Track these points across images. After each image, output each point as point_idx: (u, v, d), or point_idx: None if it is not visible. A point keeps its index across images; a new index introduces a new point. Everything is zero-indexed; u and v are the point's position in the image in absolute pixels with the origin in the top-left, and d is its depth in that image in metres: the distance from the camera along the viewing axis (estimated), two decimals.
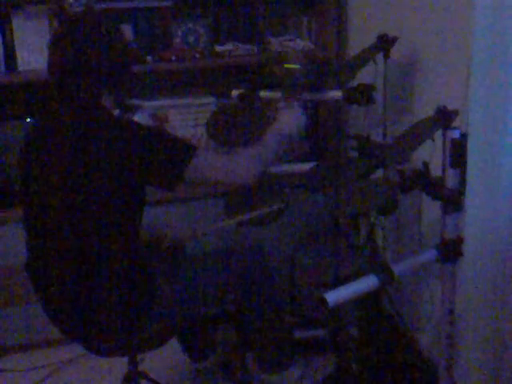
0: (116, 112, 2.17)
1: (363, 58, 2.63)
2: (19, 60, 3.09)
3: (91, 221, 2.04)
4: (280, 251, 2.91)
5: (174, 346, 2.70)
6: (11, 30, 3.07)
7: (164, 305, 2.18)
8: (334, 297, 1.72)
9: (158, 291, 2.17)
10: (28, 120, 3.09)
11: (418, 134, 1.97)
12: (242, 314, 2.41)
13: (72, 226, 2.05)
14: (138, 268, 2.12)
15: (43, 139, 2.13)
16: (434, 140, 1.90)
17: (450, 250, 1.87)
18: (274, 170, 2.77)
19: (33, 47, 3.08)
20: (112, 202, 2.02)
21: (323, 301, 1.71)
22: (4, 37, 3.07)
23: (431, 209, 2.19)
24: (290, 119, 2.35)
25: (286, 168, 2.91)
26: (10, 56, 3.09)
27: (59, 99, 2.12)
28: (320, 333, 2.77)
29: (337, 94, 2.72)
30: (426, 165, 1.90)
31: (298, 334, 2.76)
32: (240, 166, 2.13)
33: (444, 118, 1.88)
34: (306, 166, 2.62)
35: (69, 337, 2.26)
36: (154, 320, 2.17)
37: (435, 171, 1.91)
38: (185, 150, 2.07)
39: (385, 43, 2.59)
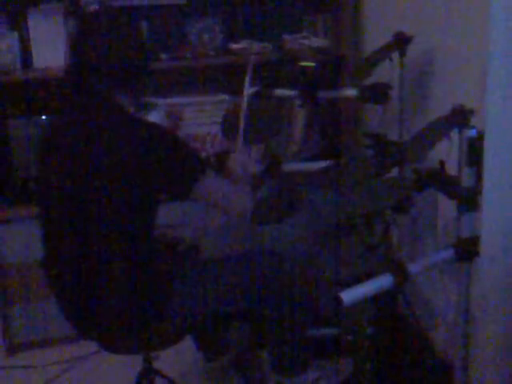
0: (131, 110, 2.17)
1: (379, 57, 2.62)
2: (35, 57, 3.11)
3: (107, 219, 2.04)
4: (296, 250, 2.90)
5: (188, 344, 2.70)
6: (27, 27, 3.08)
7: (179, 304, 2.18)
8: (349, 296, 1.72)
9: (174, 290, 2.17)
10: (43, 117, 3.09)
11: (434, 133, 1.96)
12: (257, 313, 2.40)
13: (87, 224, 2.06)
14: (153, 267, 2.12)
15: (60, 137, 2.14)
16: (450, 139, 1.89)
17: (466, 250, 1.86)
18: (288, 168, 2.77)
19: (48, 44, 3.10)
20: (127, 200, 2.03)
21: (339, 300, 1.70)
22: (20, 34, 3.08)
23: (447, 208, 2.18)
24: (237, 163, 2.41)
25: (301, 166, 2.91)
26: (26, 53, 3.10)
27: (76, 97, 2.13)
28: (335, 333, 2.76)
29: (352, 92, 2.72)
30: (441, 163, 1.89)
31: (314, 335, 2.75)
32: (239, 197, 2.21)
33: (460, 116, 1.87)
34: (320, 165, 2.62)
35: (83, 334, 2.26)
36: (168, 318, 2.17)
37: (451, 170, 1.90)
38: (198, 163, 2.11)
39: (401, 41, 2.58)
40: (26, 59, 3.11)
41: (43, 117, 3.10)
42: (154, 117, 2.92)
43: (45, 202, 2.19)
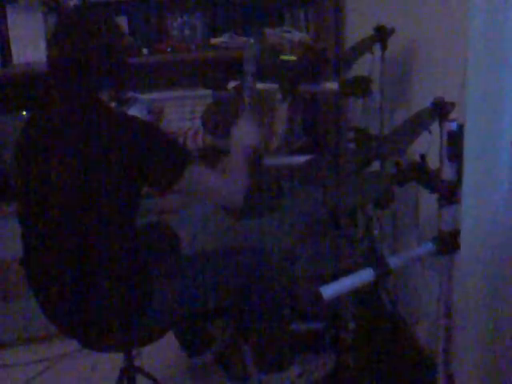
0: (112, 105, 2.16)
1: (360, 50, 2.62)
2: (14, 53, 3.08)
3: (90, 216, 2.03)
4: (278, 245, 2.90)
5: (170, 340, 2.69)
6: (6, 23, 3.05)
7: (161, 300, 2.17)
8: (329, 290, 1.71)
9: (156, 288, 2.16)
10: (24, 114, 3.07)
11: (414, 127, 1.95)
12: (239, 309, 2.40)
13: (70, 221, 2.04)
14: (135, 264, 2.11)
15: (40, 133, 2.12)
16: (430, 132, 1.89)
17: (447, 243, 1.86)
18: (270, 162, 2.76)
19: (27, 41, 3.07)
20: (111, 197, 2.01)
21: (319, 294, 1.70)
22: None
23: (428, 201, 2.18)
24: (245, 130, 2.36)
25: (283, 160, 2.90)
26: (5, 50, 3.08)
27: (57, 93, 2.11)
28: (318, 328, 2.75)
29: (333, 85, 2.71)
30: (422, 157, 1.88)
31: (297, 330, 2.74)
32: (228, 187, 2.19)
33: (441, 109, 1.86)
34: (303, 159, 2.61)
35: (65, 333, 2.25)
36: (150, 314, 2.16)
37: (432, 164, 1.89)
38: (183, 155, 2.10)
39: (382, 35, 2.57)
40: (5, 56, 3.08)
41: (23, 113, 3.07)
42: (134, 111, 2.90)
43: (25, 199, 2.17)
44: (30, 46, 3.07)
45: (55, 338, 2.98)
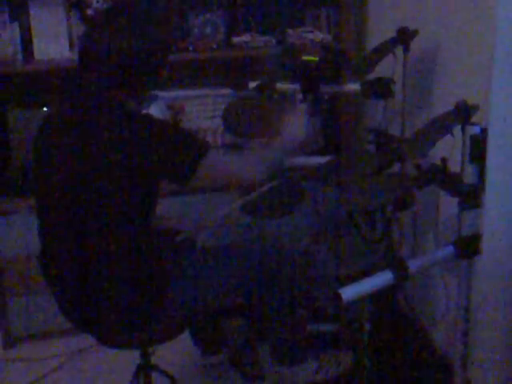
0: (132, 105, 2.14)
1: (382, 51, 2.61)
2: (36, 49, 3.08)
3: (105, 212, 2.03)
4: (296, 245, 2.89)
5: (185, 339, 2.69)
6: (28, 18, 3.06)
7: (176, 298, 2.17)
8: (348, 292, 1.70)
9: (172, 284, 2.16)
10: (44, 109, 3.08)
11: (436, 129, 1.94)
12: (256, 307, 2.39)
13: (86, 216, 2.04)
14: (150, 261, 2.11)
15: (58, 129, 2.13)
16: (453, 135, 1.88)
17: (468, 247, 1.85)
18: (290, 162, 2.75)
19: (50, 36, 3.08)
20: (125, 193, 2.01)
21: (338, 296, 1.69)
22: (21, 25, 3.06)
23: (449, 205, 2.16)
24: (296, 123, 2.43)
25: (303, 161, 2.89)
26: (27, 45, 3.09)
27: (76, 92, 2.11)
28: (334, 328, 2.75)
29: (355, 87, 2.70)
30: (444, 160, 1.87)
31: (313, 330, 2.74)
32: (248, 165, 2.22)
33: (464, 113, 1.85)
34: (322, 159, 2.60)
35: (80, 328, 2.25)
36: (166, 313, 2.16)
37: (453, 167, 1.88)
38: (199, 147, 2.09)
39: (405, 36, 2.56)
40: (28, 50, 3.09)
41: (44, 109, 3.08)
42: (154, 109, 2.90)
43: (42, 195, 2.18)
44: (52, 41, 3.08)
45: (72, 333, 2.98)
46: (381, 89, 2.57)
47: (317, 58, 2.81)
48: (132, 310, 2.10)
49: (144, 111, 2.26)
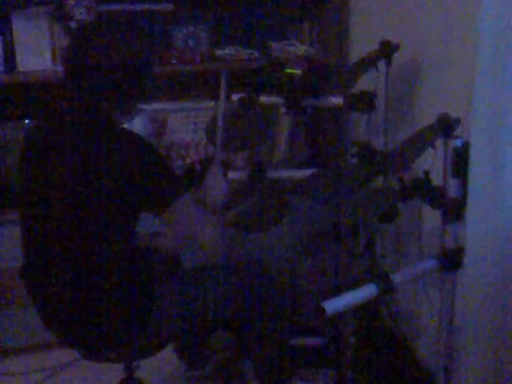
0: (116, 114, 2.13)
1: (365, 65, 2.61)
2: (19, 61, 3.07)
3: (91, 226, 2.02)
4: (280, 259, 2.89)
5: (169, 353, 2.68)
6: (11, 30, 3.05)
7: (161, 313, 2.16)
8: (332, 305, 1.70)
9: (157, 301, 2.15)
10: (26, 121, 3.07)
11: (419, 142, 1.95)
12: (240, 323, 2.38)
13: (72, 230, 2.03)
14: (136, 276, 2.09)
15: (44, 142, 2.11)
16: (435, 148, 1.89)
17: (450, 260, 1.85)
18: (273, 175, 2.75)
19: (33, 48, 3.06)
20: (110, 209, 2.00)
21: (321, 309, 1.69)
22: (4, 37, 3.05)
23: (431, 218, 2.17)
24: (216, 185, 2.46)
25: (286, 174, 2.89)
26: (10, 57, 3.07)
27: (64, 101, 2.11)
28: (319, 343, 2.74)
29: (337, 100, 2.71)
30: (426, 173, 1.88)
31: (297, 345, 2.73)
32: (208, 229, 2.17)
33: (446, 126, 1.86)
34: (305, 173, 2.60)
35: (65, 342, 2.23)
36: (151, 329, 2.14)
37: (436, 180, 1.89)
38: (177, 184, 2.11)
39: (387, 50, 2.57)
40: (10, 62, 3.08)
41: (26, 121, 3.07)
42: (137, 123, 2.90)
43: (27, 207, 2.16)
44: (34, 53, 3.07)
45: (57, 346, 2.96)
46: (363, 102, 2.58)
47: (300, 71, 2.81)
48: (116, 325, 2.09)
49: (127, 124, 2.25)
